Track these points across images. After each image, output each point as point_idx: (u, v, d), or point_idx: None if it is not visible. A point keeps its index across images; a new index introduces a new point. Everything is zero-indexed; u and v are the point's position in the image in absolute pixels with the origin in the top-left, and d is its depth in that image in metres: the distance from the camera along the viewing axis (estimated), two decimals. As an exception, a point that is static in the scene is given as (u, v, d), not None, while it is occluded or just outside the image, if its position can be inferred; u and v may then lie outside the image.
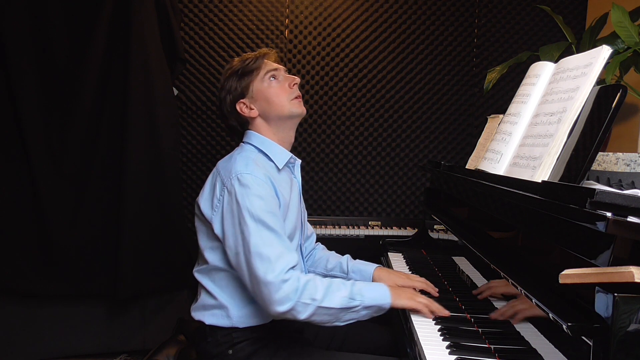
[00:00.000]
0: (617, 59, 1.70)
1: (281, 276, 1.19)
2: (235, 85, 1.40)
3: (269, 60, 1.44)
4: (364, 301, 1.27)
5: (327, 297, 1.22)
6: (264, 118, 1.42)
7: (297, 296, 1.19)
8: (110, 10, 2.21)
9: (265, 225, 1.23)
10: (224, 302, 1.35)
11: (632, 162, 1.35)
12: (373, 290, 1.30)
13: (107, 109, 2.26)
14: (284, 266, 1.20)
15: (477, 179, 1.32)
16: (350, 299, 1.25)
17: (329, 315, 1.24)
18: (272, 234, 1.24)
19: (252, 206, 1.24)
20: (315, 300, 1.20)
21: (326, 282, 1.26)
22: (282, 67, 1.45)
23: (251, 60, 1.41)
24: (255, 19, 2.65)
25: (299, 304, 1.19)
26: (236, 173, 1.28)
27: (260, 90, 1.40)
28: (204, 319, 1.37)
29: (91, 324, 2.43)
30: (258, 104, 1.41)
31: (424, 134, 2.75)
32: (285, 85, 1.42)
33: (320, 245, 1.76)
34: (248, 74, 1.40)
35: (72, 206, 2.27)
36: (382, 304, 1.30)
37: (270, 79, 1.41)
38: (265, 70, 1.41)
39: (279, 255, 1.21)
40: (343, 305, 1.24)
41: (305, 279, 1.22)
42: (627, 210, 0.73)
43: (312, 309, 1.21)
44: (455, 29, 2.68)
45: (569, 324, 0.75)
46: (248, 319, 1.36)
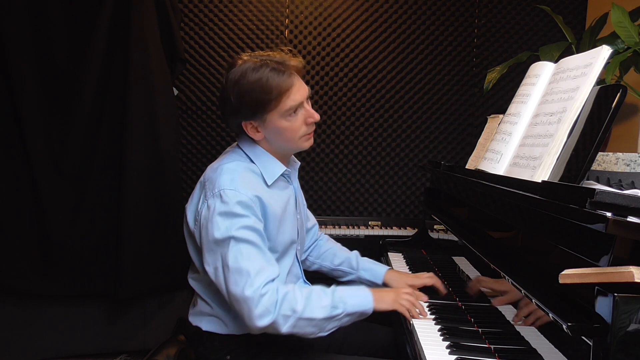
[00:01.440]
0: (617, 59, 1.70)
1: (259, 291, 1.14)
2: (244, 104, 1.23)
3: (296, 81, 1.26)
4: (346, 309, 1.23)
5: (308, 307, 1.18)
6: (268, 141, 1.33)
7: (277, 309, 1.15)
8: (110, 10, 2.20)
9: (244, 240, 1.18)
10: (219, 312, 1.34)
11: (632, 162, 1.35)
12: (355, 297, 1.27)
13: (107, 109, 2.26)
14: (262, 280, 1.16)
15: (477, 179, 1.32)
16: (333, 307, 1.22)
17: (312, 327, 1.20)
18: (252, 248, 1.19)
19: (232, 224, 1.18)
20: (295, 312, 1.17)
21: (306, 292, 1.22)
22: (305, 95, 1.28)
23: (275, 75, 1.21)
24: (255, 19, 2.65)
25: (280, 317, 1.15)
26: (219, 188, 1.22)
27: (274, 123, 1.26)
28: (201, 325, 1.36)
29: (91, 324, 2.43)
30: (268, 130, 1.29)
31: (424, 134, 2.75)
32: (302, 120, 1.28)
33: (324, 235, 1.74)
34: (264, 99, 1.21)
35: (72, 206, 2.27)
36: (365, 310, 1.27)
37: (289, 113, 1.26)
38: (288, 107, 1.24)
39: (259, 270, 1.17)
40: (325, 315, 1.20)
41: (284, 291, 1.18)
42: (627, 210, 0.73)
43: (292, 320, 1.17)
44: (455, 29, 2.68)
45: (569, 324, 0.75)
46: (245, 327, 1.32)
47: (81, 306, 2.40)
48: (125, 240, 2.21)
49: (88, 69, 2.22)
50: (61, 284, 2.27)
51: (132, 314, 2.46)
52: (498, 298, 1.33)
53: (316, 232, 1.73)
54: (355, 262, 1.63)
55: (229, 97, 1.25)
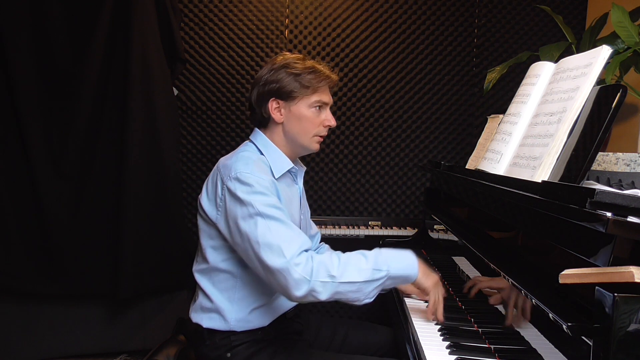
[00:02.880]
0: (617, 59, 1.70)
1: (293, 260, 1.14)
2: (284, 83, 1.34)
3: (327, 87, 1.39)
4: (390, 271, 1.21)
5: (347, 271, 1.16)
6: (284, 128, 1.39)
7: (314, 276, 1.13)
8: (110, 10, 2.20)
9: (271, 217, 1.20)
10: (220, 305, 1.34)
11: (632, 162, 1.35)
12: (400, 260, 1.25)
13: (107, 109, 2.26)
14: (294, 250, 1.15)
15: (477, 179, 1.32)
16: (375, 269, 1.19)
17: (353, 292, 1.17)
18: (278, 223, 1.20)
19: (256, 202, 1.21)
20: (333, 277, 1.14)
21: (344, 256, 1.21)
22: (331, 102, 1.42)
23: (316, 75, 1.35)
24: (255, 19, 2.65)
25: (317, 284, 1.13)
26: (236, 172, 1.26)
27: (300, 109, 1.36)
28: (201, 322, 1.37)
29: (91, 324, 2.43)
30: (289, 115, 1.37)
31: (424, 134, 2.75)
32: (321, 120, 1.39)
33: (325, 245, 1.75)
34: (302, 87, 1.34)
35: (72, 206, 2.27)
36: (409, 276, 1.26)
37: (314, 108, 1.37)
38: (318, 98, 1.36)
39: (289, 241, 1.17)
40: (366, 278, 1.18)
41: (319, 258, 1.17)
42: (627, 210, 0.73)
43: (331, 286, 1.14)
44: (455, 29, 2.68)
45: (569, 324, 0.75)
46: (246, 323, 1.35)
47: (81, 306, 2.40)
48: (125, 241, 2.21)
49: (88, 69, 2.22)
50: (61, 284, 2.27)
51: (132, 314, 2.46)
52: (494, 296, 1.33)
53: (318, 241, 1.73)
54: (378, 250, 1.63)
55: (275, 74, 1.34)
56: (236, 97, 2.71)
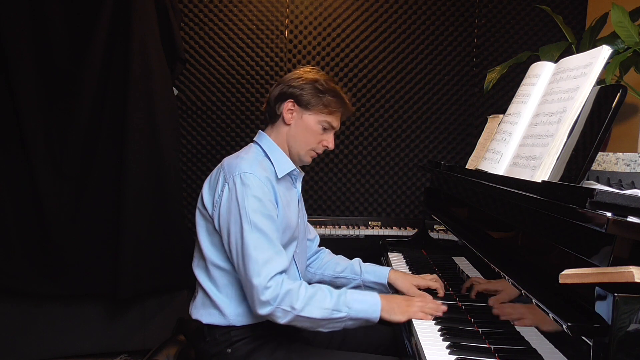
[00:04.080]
0: (617, 59, 1.70)
1: (265, 282, 1.22)
2: (306, 93, 1.41)
3: (341, 115, 1.46)
4: (350, 313, 1.28)
5: (308, 307, 1.25)
6: (288, 132, 1.45)
7: (277, 303, 1.23)
8: (110, 10, 2.20)
9: (257, 228, 1.26)
10: (218, 301, 1.36)
11: (632, 162, 1.35)
12: (363, 302, 1.30)
13: (107, 109, 2.25)
14: (269, 271, 1.23)
15: (477, 179, 1.32)
16: (334, 310, 1.27)
17: (309, 323, 1.27)
18: (263, 237, 1.27)
19: (249, 207, 1.27)
20: (294, 309, 1.24)
21: (310, 291, 1.27)
22: (337, 128, 1.49)
23: (338, 100, 1.42)
24: (255, 19, 2.65)
25: (279, 310, 1.23)
26: (239, 171, 1.31)
27: (309, 121, 1.42)
28: (201, 318, 1.38)
29: (91, 324, 2.43)
30: (298, 122, 1.43)
31: (424, 134, 2.75)
32: (322, 139, 1.45)
33: (326, 249, 1.76)
34: (321, 103, 1.41)
35: (72, 206, 2.27)
36: (371, 317, 1.30)
37: (322, 126, 1.43)
38: (329, 120, 1.43)
39: (267, 260, 1.25)
40: (324, 316, 1.26)
41: (287, 288, 1.24)
42: (627, 210, 0.73)
43: (290, 316, 1.24)
44: (455, 29, 2.68)
45: (569, 324, 0.75)
46: (244, 317, 1.36)
47: (81, 306, 2.40)
48: (125, 240, 2.21)
49: (88, 68, 2.22)
50: (61, 284, 2.27)
51: (132, 314, 2.46)
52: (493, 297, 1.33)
53: (317, 244, 1.74)
54: (358, 268, 1.64)
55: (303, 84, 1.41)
56: (236, 97, 2.71)
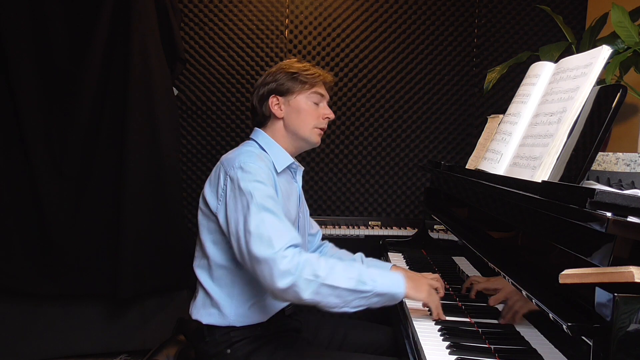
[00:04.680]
0: (617, 59, 1.70)
1: (281, 252, 1.15)
2: (282, 81, 1.42)
3: (323, 85, 1.47)
4: (375, 287, 1.19)
5: (332, 275, 1.16)
6: (284, 124, 1.44)
7: (298, 271, 1.13)
8: (110, 10, 2.20)
9: (266, 209, 1.22)
10: (219, 300, 1.36)
11: (632, 162, 1.35)
12: (387, 277, 1.24)
13: (107, 109, 2.26)
14: (284, 243, 1.16)
15: (477, 179, 1.32)
16: (360, 281, 1.18)
17: (335, 297, 1.16)
18: (272, 216, 1.21)
19: (255, 191, 1.24)
20: (318, 277, 1.14)
21: (331, 261, 1.21)
22: (327, 97, 1.48)
23: (311, 74, 1.43)
24: (255, 19, 2.65)
25: (301, 280, 1.13)
26: (239, 162, 1.31)
27: (298, 102, 1.43)
28: (201, 318, 1.38)
29: (91, 324, 2.43)
30: (288, 110, 1.43)
31: (424, 134, 2.75)
32: (319, 113, 1.45)
33: (329, 243, 1.76)
34: (299, 82, 1.42)
35: (72, 206, 2.27)
36: (396, 293, 1.24)
37: (312, 101, 1.44)
38: (314, 90, 1.43)
39: (279, 234, 1.18)
40: (350, 286, 1.17)
41: (307, 255, 1.17)
42: (627, 210, 0.73)
43: (314, 285, 1.14)
44: (455, 29, 2.68)
45: (569, 324, 0.75)
46: (245, 318, 1.36)
47: (81, 306, 2.40)
48: (125, 240, 2.21)
49: (88, 69, 2.22)
50: (61, 284, 2.27)
51: (132, 314, 2.46)
52: (493, 297, 1.33)
53: (320, 238, 1.75)
54: (361, 261, 1.65)
55: (273, 76, 1.43)
56: (236, 97, 2.71)
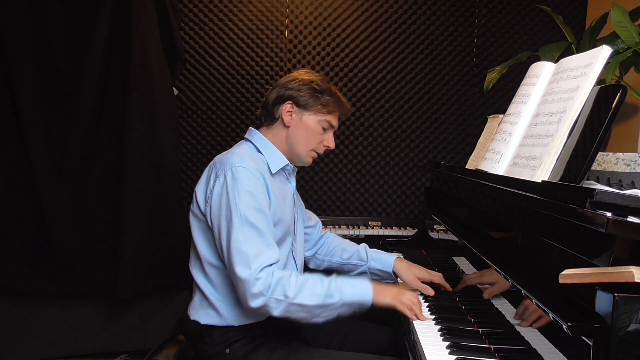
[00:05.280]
0: (617, 59, 1.70)
1: (255, 274, 1.21)
2: (304, 93, 1.42)
3: (339, 114, 1.48)
4: (342, 297, 1.27)
5: (300, 294, 1.23)
6: (287, 134, 1.45)
7: (270, 292, 1.21)
8: (110, 10, 2.20)
9: (248, 222, 1.25)
10: (215, 301, 1.36)
11: (632, 162, 1.35)
12: (354, 287, 1.30)
13: (107, 109, 2.26)
14: (259, 264, 1.22)
15: (477, 179, 1.32)
16: (327, 296, 1.26)
17: (304, 312, 1.25)
18: (254, 232, 1.26)
19: (240, 201, 1.26)
20: (287, 297, 1.22)
21: (301, 279, 1.26)
22: (336, 128, 1.51)
23: (335, 100, 1.45)
24: (255, 19, 2.65)
25: (272, 300, 1.21)
26: (230, 165, 1.31)
27: (309, 120, 1.44)
28: (199, 319, 1.38)
29: (91, 324, 2.43)
30: (298, 123, 1.44)
31: (424, 134, 2.75)
32: (323, 139, 1.47)
33: (331, 234, 1.77)
34: (319, 103, 1.43)
35: (72, 206, 2.27)
36: (363, 301, 1.30)
37: (322, 126, 1.45)
38: (328, 119, 1.45)
39: (258, 254, 1.23)
40: (318, 303, 1.25)
41: (278, 276, 1.23)
42: (627, 210, 0.73)
43: (284, 305, 1.22)
44: (455, 29, 2.68)
45: (569, 324, 0.75)
46: (241, 317, 1.36)
47: (81, 306, 2.40)
48: (125, 240, 2.21)
49: (88, 69, 2.22)
50: (61, 284, 2.27)
51: (132, 314, 2.46)
52: (488, 290, 1.34)
53: (320, 229, 1.75)
54: (365, 254, 1.66)
55: (301, 85, 1.43)
56: (236, 97, 2.71)
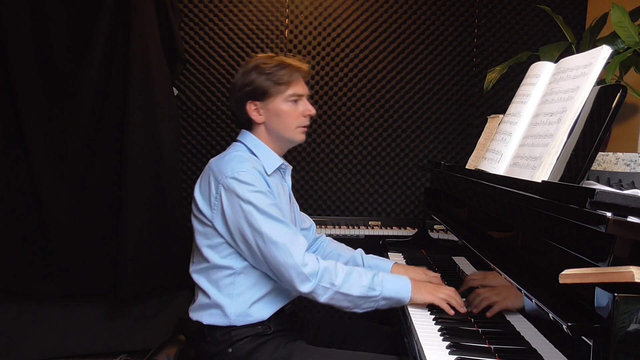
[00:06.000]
0: (617, 59, 1.70)
1: (300, 259, 1.26)
2: (257, 83, 1.38)
3: (301, 79, 1.43)
4: (383, 292, 1.31)
5: (346, 283, 1.28)
6: (266, 127, 1.44)
7: (317, 279, 1.26)
8: (110, 10, 2.20)
9: (272, 217, 1.29)
10: (220, 301, 1.36)
11: (632, 162, 1.35)
12: (394, 282, 1.34)
13: (107, 109, 2.26)
14: (299, 250, 1.27)
15: (477, 179, 1.32)
16: (370, 288, 1.30)
17: (347, 301, 1.30)
18: (280, 224, 1.29)
19: (256, 201, 1.29)
20: (334, 286, 1.27)
21: (347, 269, 1.31)
22: (307, 92, 1.46)
23: (287, 70, 1.39)
24: (255, 19, 2.65)
25: (319, 287, 1.27)
26: (232, 171, 1.31)
27: (277, 105, 1.41)
28: (201, 319, 1.38)
29: (91, 324, 2.43)
30: (268, 114, 1.42)
31: (424, 134, 2.75)
32: (300, 111, 1.43)
33: (326, 237, 1.78)
34: (275, 84, 1.38)
35: (72, 206, 2.27)
36: (402, 297, 1.34)
37: (290, 102, 1.41)
38: (292, 92, 1.41)
39: (292, 241, 1.28)
40: (362, 293, 1.29)
41: (325, 264, 1.29)
42: (627, 210, 0.73)
43: (330, 292, 1.27)
44: (455, 29, 2.68)
45: (569, 324, 0.75)
46: (246, 317, 1.36)
47: (81, 306, 2.40)
48: (125, 240, 2.21)
49: (88, 69, 2.22)
50: (61, 284, 2.27)
51: (132, 314, 2.46)
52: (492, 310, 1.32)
53: (314, 232, 1.75)
54: (361, 260, 1.66)
55: (248, 77, 1.39)
56: (236, 97, 2.71)
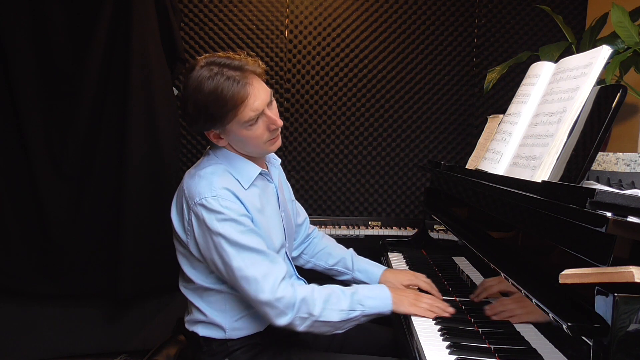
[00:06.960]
0: (617, 59, 1.71)
1: (273, 294, 1.19)
2: (200, 118, 1.20)
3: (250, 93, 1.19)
4: (364, 310, 1.28)
5: (325, 311, 1.23)
6: (233, 148, 1.31)
7: (294, 312, 1.20)
8: (110, 10, 2.20)
9: (242, 247, 1.20)
10: (215, 319, 1.33)
11: (632, 162, 1.35)
12: (374, 299, 1.30)
13: (107, 109, 2.25)
14: (272, 283, 1.19)
15: (477, 179, 1.32)
16: (350, 310, 1.26)
17: (327, 327, 1.26)
18: (252, 254, 1.21)
19: (225, 231, 1.19)
20: (312, 315, 1.22)
21: (325, 294, 1.25)
22: (266, 99, 1.23)
23: (228, 91, 1.15)
24: (255, 19, 2.65)
25: (297, 318, 1.21)
26: (200, 197, 1.21)
27: (236, 132, 1.24)
28: (197, 331, 1.36)
29: (91, 324, 2.43)
30: (230, 137, 1.27)
31: (424, 134, 2.75)
32: (264, 128, 1.24)
33: (318, 232, 1.72)
34: (219, 114, 1.18)
35: (72, 206, 2.26)
36: (383, 312, 1.31)
37: (249, 123, 1.21)
38: (247, 111, 1.19)
39: (266, 274, 1.20)
40: (342, 318, 1.25)
41: (302, 294, 1.21)
42: (627, 210, 0.73)
43: (309, 322, 1.23)
44: (455, 29, 2.68)
45: (569, 324, 0.75)
46: (242, 330, 1.34)
47: (81, 306, 2.40)
48: (125, 240, 2.21)
49: (88, 69, 2.22)
50: (61, 284, 2.27)
51: (132, 314, 2.46)
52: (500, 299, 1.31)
53: (307, 228, 1.69)
54: (351, 263, 1.61)
55: (187, 107, 1.22)
56: (236, 97, 2.71)
